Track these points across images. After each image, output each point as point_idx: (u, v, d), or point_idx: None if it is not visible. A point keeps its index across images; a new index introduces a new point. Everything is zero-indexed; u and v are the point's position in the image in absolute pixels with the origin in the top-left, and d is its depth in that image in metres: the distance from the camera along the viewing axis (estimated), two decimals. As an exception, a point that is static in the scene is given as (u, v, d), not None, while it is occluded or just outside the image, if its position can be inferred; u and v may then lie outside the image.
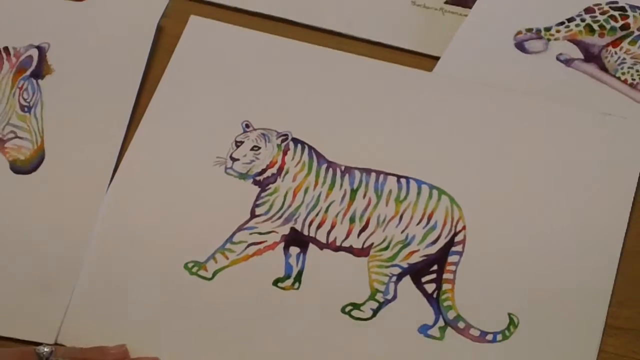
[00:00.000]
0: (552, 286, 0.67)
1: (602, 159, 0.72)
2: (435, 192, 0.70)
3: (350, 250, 0.69)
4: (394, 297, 0.67)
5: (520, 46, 0.78)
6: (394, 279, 0.67)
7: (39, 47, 0.78)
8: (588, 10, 0.79)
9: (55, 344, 0.66)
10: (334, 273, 0.68)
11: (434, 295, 0.67)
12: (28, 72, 0.77)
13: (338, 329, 0.66)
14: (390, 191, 0.70)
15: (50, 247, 0.70)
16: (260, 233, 0.70)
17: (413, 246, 0.69)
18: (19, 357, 0.62)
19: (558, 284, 0.67)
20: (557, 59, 0.77)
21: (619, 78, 0.76)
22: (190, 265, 0.69)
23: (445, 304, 0.66)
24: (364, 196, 0.70)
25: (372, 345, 0.65)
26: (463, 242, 0.69)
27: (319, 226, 0.70)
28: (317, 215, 0.70)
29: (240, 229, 0.70)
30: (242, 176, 0.72)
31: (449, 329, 0.66)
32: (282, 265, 0.69)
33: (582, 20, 0.78)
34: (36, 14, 0.80)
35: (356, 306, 0.67)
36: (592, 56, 0.77)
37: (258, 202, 0.71)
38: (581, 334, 0.65)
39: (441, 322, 0.66)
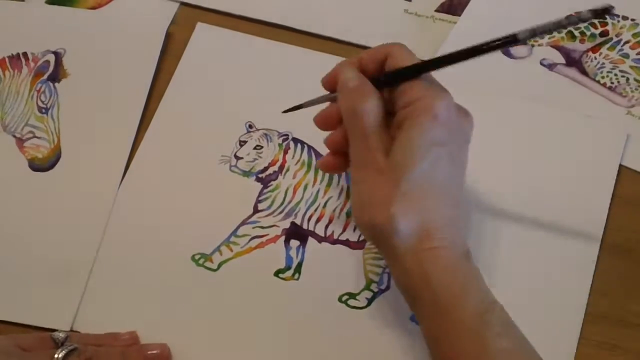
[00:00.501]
0: (536, 277, 0.68)
1: (583, 158, 0.72)
2: (426, 188, 0.72)
3: (346, 243, 0.70)
4: (388, 287, 0.68)
5: (506, 52, 0.78)
6: (388, 270, 0.68)
7: (55, 53, 0.79)
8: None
9: (71, 330, 0.67)
10: (331, 265, 0.69)
11: (425, 286, 0.68)
12: (45, 76, 0.78)
13: (335, 317, 0.67)
14: (384, 188, 0.72)
15: (66, 239, 0.71)
16: (262, 227, 0.71)
17: (405, 239, 0.70)
18: (37, 342, 0.64)
19: (542, 274, 0.68)
20: (541, 63, 0.78)
21: (598, 81, 0.76)
22: (196, 257, 0.70)
23: (435, 293, 0.68)
24: (360, 192, 0.72)
25: (367, 332, 0.66)
26: (453, 235, 0.70)
27: (317, 220, 0.71)
28: (315, 210, 0.71)
29: (243, 223, 0.71)
30: (246, 174, 0.73)
31: (438, 317, 0.67)
32: (282, 257, 0.70)
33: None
34: (53, 21, 0.81)
35: (352, 296, 0.68)
36: (573, 61, 0.78)
37: (260, 198, 0.72)
38: (563, 322, 0.66)
39: (431, 311, 0.67)
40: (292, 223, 0.71)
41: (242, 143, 0.75)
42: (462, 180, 0.62)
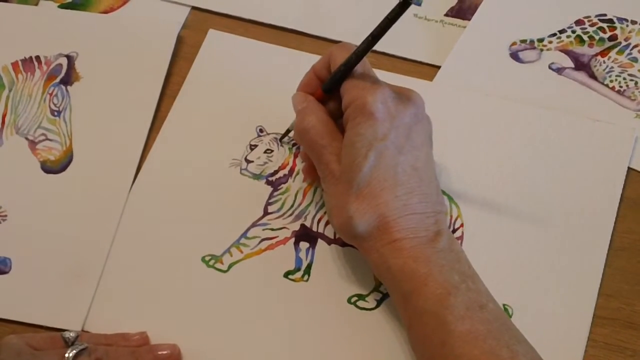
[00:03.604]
0: (544, 279, 0.68)
1: (591, 161, 0.72)
2: (435, 191, 0.72)
3: (355, 245, 0.70)
4: (397, 288, 0.68)
5: (514, 56, 0.79)
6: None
7: (68, 56, 0.80)
8: (578, 22, 0.80)
9: (82, 331, 0.67)
10: (340, 266, 0.70)
11: (434, 287, 0.68)
12: (58, 79, 0.79)
13: (344, 318, 0.67)
14: (393, 191, 0.72)
15: (78, 241, 0.71)
16: (272, 229, 0.71)
17: (414, 241, 0.70)
18: (48, 342, 0.65)
19: (549, 277, 0.68)
20: (549, 67, 0.78)
21: (607, 85, 0.77)
22: (207, 258, 0.70)
23: (444, 295, 0.68)
24: (369, 195, 0.72)
25: (376, 333, 0.67)
26: (461, 238, 0.70)
27: (327, 223, 0.71)
28: (325, 213, 0.71)
29: (254, 225, 0.71)
30: (256, 177, 0.74)
31: (447, 319, 0.67)
32: (292, 259, 0.70)
33: (573, 31, 0.80)
34: (65, 25, 0.82)
35: (361, 297, 0.68)
36: (582, 65, 0.78)
37: (271, 201, 0.73)
38: (571, 324, 0.66)
39: (440, 312, 0.67)
40: (302, 225, 0.72)
41: (252, 147, 0.75)
42: (418, 163, 0.63)
